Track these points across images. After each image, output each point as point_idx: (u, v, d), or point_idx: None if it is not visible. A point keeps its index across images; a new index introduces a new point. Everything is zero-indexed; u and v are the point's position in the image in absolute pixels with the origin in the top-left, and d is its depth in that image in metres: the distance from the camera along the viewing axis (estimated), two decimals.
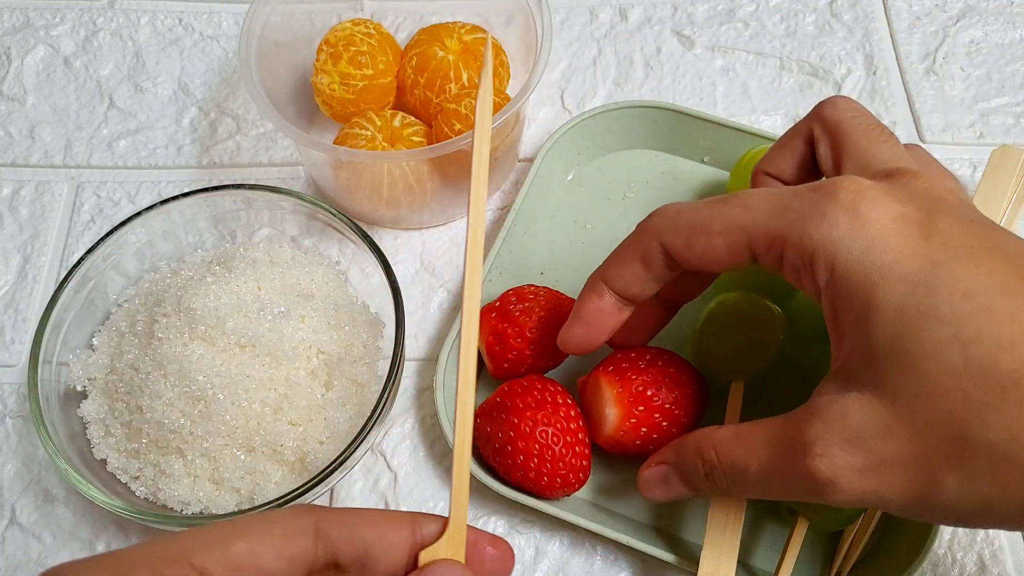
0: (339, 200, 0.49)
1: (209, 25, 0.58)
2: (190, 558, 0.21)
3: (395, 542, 0.25)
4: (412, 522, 0.25)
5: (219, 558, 0.22)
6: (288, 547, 0.23)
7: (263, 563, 0.22)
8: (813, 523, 0.38)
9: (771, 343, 0.41)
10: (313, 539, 0.23)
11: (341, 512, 0.24)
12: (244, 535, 0.23)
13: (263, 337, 0.40)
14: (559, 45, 0.56)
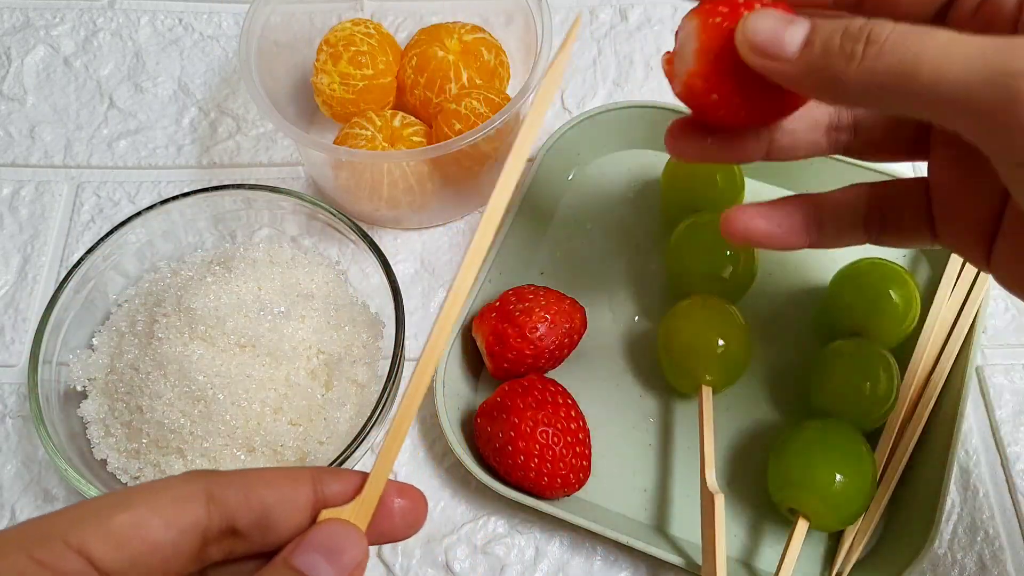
0: (339, 200, 0.49)
1: (209, 25, 0.58)
2: (64, 535, 0.20)
3: (296, 502, 0.23)
4: (313, 480, 0.23)
5: (98, 532, 0.20)
6: (178, 515, 0.21)
7: (149, 534, 0.21)
8: (813, 523, 0.38)
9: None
10: (205, 504, 0.22)
11: (235, 474, 0.23)
12: (127, 505, 0.21)
13: (263, 337, 0.40)
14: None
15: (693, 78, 0.28)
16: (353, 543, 0.23)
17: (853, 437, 0.39)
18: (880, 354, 0.41)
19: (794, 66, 0.25)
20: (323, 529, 0.23)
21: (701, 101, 0.28)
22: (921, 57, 0.23)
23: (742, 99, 0.28)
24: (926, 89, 0.23)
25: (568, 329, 0.42)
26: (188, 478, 0.22)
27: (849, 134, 0.32)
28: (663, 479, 0.42)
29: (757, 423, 0.43)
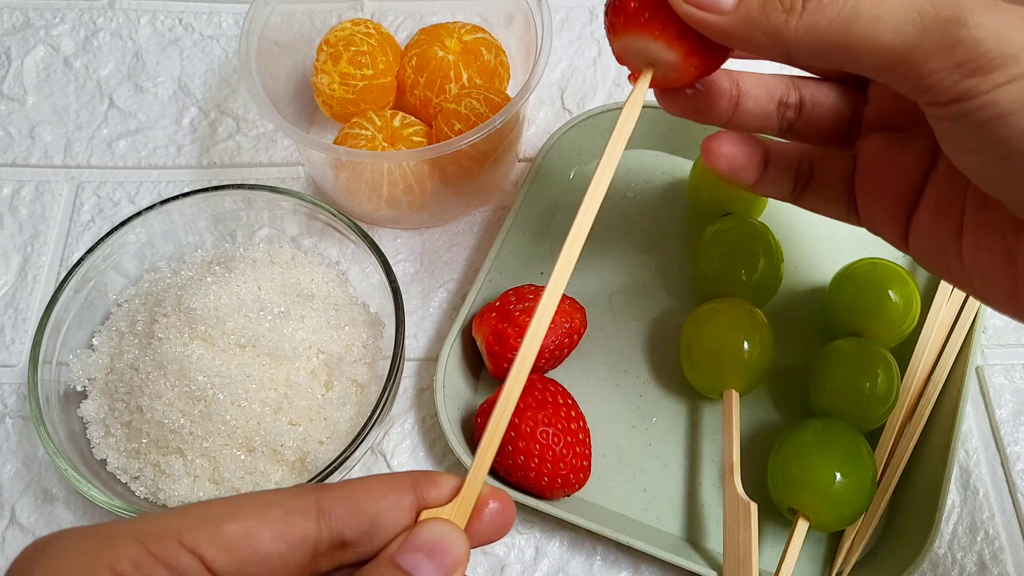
0: (339, 200, 0.49)
1: (209, 25, 0.58)
2: (180, 535, 0.21)
3: (401, 510, 0.24)
4: (415, 487, 0.24)
5: (210, 537, 0.21)
6: (288, 529, 0.22)
7: (259, 545, 0.21)
8: (813, 523, 0.38)
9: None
10: (316, 519, 0.22)
11: (343, 487, 0.23)
12: (239, 516, 0.21)
13: (263, 337, 0.40)
14: (559, 45, 0.56)
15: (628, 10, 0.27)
16: (456, 542, 0.24)
17: (853, 437, 0.39)
18: (880, 354, 0.41)
19: (731, 19, 0.26)
20: (427, 529, 0.24)
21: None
22: (860, 9, 0.24)
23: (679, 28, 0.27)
24: (865, 42, 0.24)
25: (568, 329, 0.42)
26: (298, 492, 0.23)
27: (795, 112, 0.34)
28: (663, 479, 0.42)
29: (757, 423, 0.43)
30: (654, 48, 0.27)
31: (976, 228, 0.28)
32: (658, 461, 0.42)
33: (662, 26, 0.26)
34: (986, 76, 0.23)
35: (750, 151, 0.33)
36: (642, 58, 0.28)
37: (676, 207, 0.49)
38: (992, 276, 0.28)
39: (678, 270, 0.47)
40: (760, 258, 0.43)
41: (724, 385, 0.41)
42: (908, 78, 0.24)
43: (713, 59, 0.28)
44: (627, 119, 0.28)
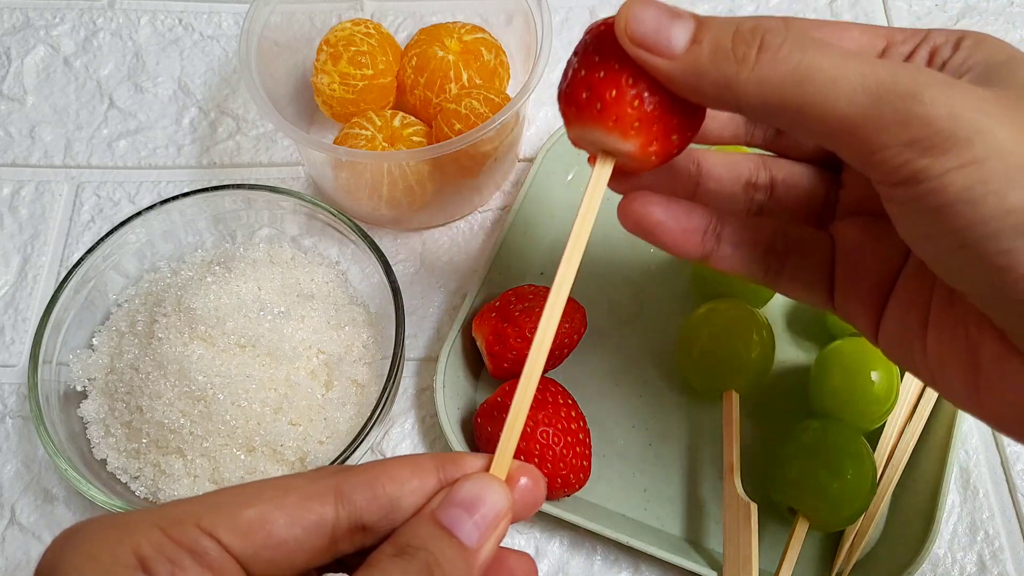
0: (339, 200, 0.49)
1: (209, 25, 0.58)
2: (198, 519, 0.21)
3: (423, 494, 0.23)
4: (439, 469, 0.24)
5: (228, 522, 0.21)
6: (303, 514, 0.22)
7: (274, 530, 0.21)
8: (813, 523, 0.38)
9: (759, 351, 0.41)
10: (334, 504, 0.22)
11: (363, 471, 0.23)
12: (256, 501, 0.22)
13: (263, 337, 0.40)
14: (559, 45, 0.56)
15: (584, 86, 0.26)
16: (497, 496, 0.24)
17: (853, 437, 0.39)
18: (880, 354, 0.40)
19: (680, 65, 0.24)
20: (467, 484, 0.24)
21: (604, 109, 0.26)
22: (815, 70, 0.23)
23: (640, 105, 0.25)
24: (817, 104, 0.23)
25: (568, 329, 0.42)
26: (316, 476, 0.23)
27: (765, 194, 0.32)
28: (663, 479, 0.42)
29: (757, 423, 0.43)
30: (609, 140, 0.25)
31: (941, 321, 0.27)
32: (658, 461, 0.42)
33: (616, 118, 0.25)
34: (938, 158, 0.22)
35: (685, 214, 0.30)
36: (598, 148, 0.26)
37: None
38: (953, 372, 0.26)
39: (678, 270, 0.47)
40: None
41: (724, 385, 0.41)
42: (859, 150, 0.23)
43: (674, 146, 0.26)
44: (590, 206, 0.26)
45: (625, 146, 0.25)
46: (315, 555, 0.22)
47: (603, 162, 0.25)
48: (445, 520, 0.23)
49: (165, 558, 0.20)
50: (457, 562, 0.22)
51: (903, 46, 0.27)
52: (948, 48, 0.26)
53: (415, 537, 0.22)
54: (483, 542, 0.23)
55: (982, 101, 0.22)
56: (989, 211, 0.21)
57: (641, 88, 0.24)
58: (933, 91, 0.22)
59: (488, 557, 0.23)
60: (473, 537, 0.23)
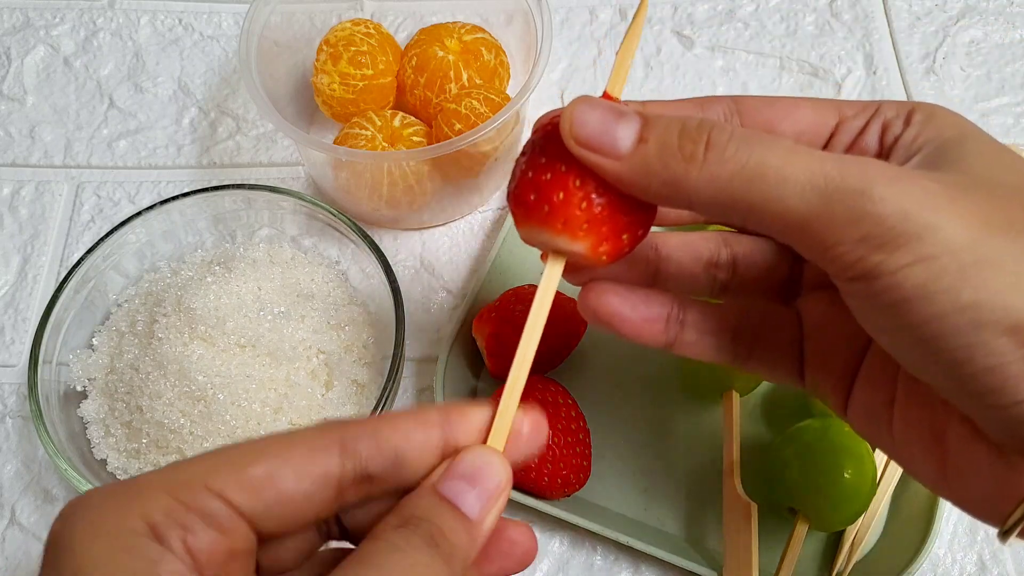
0: (339, 200, 0.49)
1: (209, 25, 0.58)
2: (206, 480, 0.21)
3: (428, 444, 0.23)
4: (443, 421, 0.24)
5: (235, 480, 0.21)
6: (311, 467, 0.22)
7: (282, 485, 0.22)
8: (813, 523, 0.38)
9: None
10: (339, 456, 0.22)
11: (368, 422, 0.23)
12: (263, 457, 0.22)
13: (263, 337, 0.40)
14: (559, 45, 0.56)
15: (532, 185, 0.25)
16: (498, 469, 0.24)
17: (853, 437, 0.39)
18: None
19: (627, 165, 0.24)
20: (468, 456, 0.24)
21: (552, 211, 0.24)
22: (764, 167, 0.22)
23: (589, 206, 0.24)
24: (768, 202, 0.22)
25: (568, 330, 0.42)
26: (322, 430, 0.23)
27: (728, 272, 0.31)
28: (663, 479, 0.42)
29: (757, 423, 0.43)
30: (558, 242, 0.24)
31: (906, 401, 0.26)
32: (658, 461, 0.42)
33: (564, 220, 0.24)
34: (891, 255, 0.21)
35: (643, 302, 0.29)
36: (548, 248, 0.25)
37: None
38: (920, 453, 0.26)
39: None
40: None
41: (724, 386, 0.41)
42: (813, 246, 0.23)
43: (625, 245, 0.25)
44: (542, 304, 0.25)
45: (575, 247, 0.24)
46: (323, 507, 0.22)
47: (554, 261, 0.25)
48: (447, 492, 0.23)
49: (175, 523, 0.20)
50: (460, 533, 0.22)
51: (855, 121, 0.27)
52: (899, 123, 0.26)
53: (419, 508, 0.23)
54: (485, 513, 0.23)
55: (932, 196, 0.22)
56: (944, 308, 0.21)
57: (589, 189, 0.24)
58: (883, 187, 0.22)
59: (490, 528, 0.23)
60: (475, 509, 0.23)
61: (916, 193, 0.22)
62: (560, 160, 0.24)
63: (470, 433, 0.24)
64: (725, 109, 0.28)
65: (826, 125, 0.27)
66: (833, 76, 0.55)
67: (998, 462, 0.23)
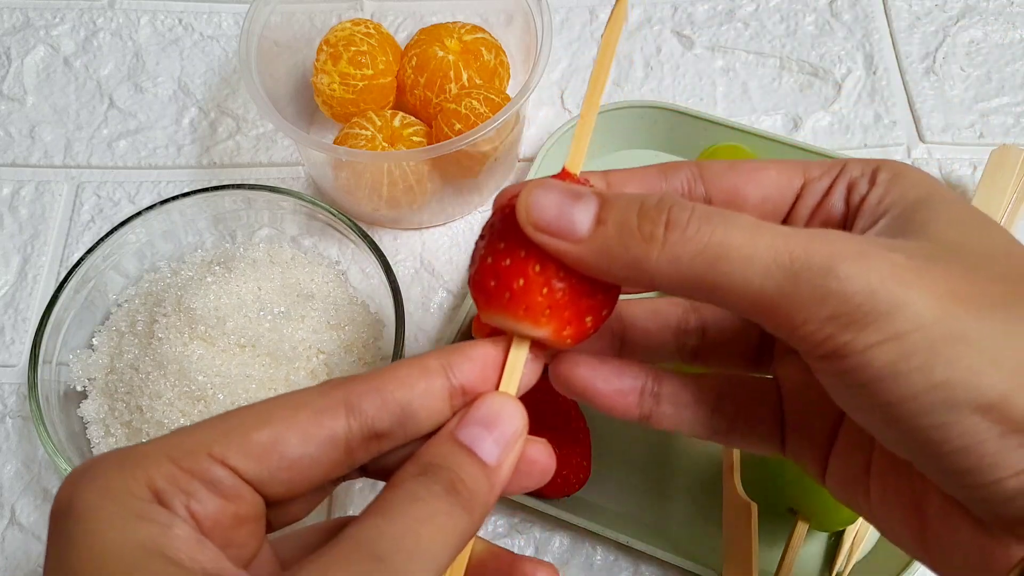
0: (339, 200, 0.49)
1: (209, 25, 0.58)
2: (209, 447, 0.21)
3: (432, 394, 0.23)
4: (445, 367, 0.24)
5: (239, 447, 0.21)
6: (316, 430, 0.22)
7: (287, 450, 0.21)
8: (813, 523, 0.38)
9: None
10: (344, 416, 0.22)
11: (370, 378, 0.23)
12: (267, 422, 0.22)
13: (263, 337, 0.40)
14: (559, 45, 0.56)
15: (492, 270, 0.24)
16: (514, 413, 0.24)
17: None
18: None
19: (587, 249, 0.23)
20: (485, 403, 0.24)
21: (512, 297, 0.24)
22: (727, 246, 0.22)
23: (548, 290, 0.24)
24: (733, 282, 0.22)
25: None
26: (325, 390, 0.23)
27: (698, 338, 0.30)
28: (663, 479, 0.42)
29: None
30: (521, 328, 0.24)
31: (883, 470, 0.25)
32: (658, 461, 0.42)
33: (525, 307, 0.23)
34: (859, 333, 0.21)
35: (615, 374, 0.28)
36: (512, 333, 0.25)
37: None
38: (898, 521, 0.25)
39: None
40: None
41: None
42: (781, 325, 0.22)
43: (589, 327, 0.24)
44: (508, 387, 0.24)
45: (538, 333, 0.24)
46: (332, 468, 0.22)
47: (518, 345, 0.25)
48: (465, 439, 0.23)
49: (179, 489, 0.20)
50: (479, 479, 0.22)
51: (820, 182, 0.27)
52: (864, 182, 0.26)
53: (437, 455, 0.23)
54: (503, 459, 0.23)
55: (899, 270, 0.21)
56: (915, 387, 0.21)
57: (549, 275, 0.23)
58: (848, 265, 0.21)
59: (508, 474, 0.23)
60: (493, 454, 0.23)
61: (882, 269, 0.21)
62: (519, 245, 0.23)
63: (475, 374, 0.24)
64: (688, 176, 0.27)
65: (791, 187, 0.27)
66: (833, 76, 0.55)
67: (980, 534, 0.23)
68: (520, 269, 0.23)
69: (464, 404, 0.24)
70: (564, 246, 0.23)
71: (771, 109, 0.54)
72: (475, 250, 0.25)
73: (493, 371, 0.24)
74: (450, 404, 0.24)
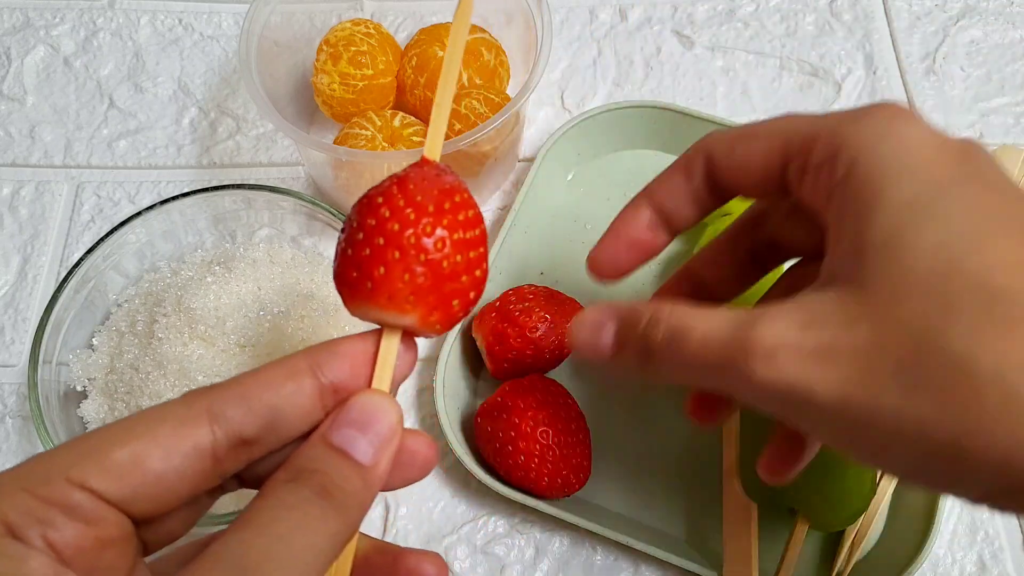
0: (339, 200, 0.49)
1: (209, 25, 0.58)
2: (66, 472, 0.20)
3: (301, 395, 0.23)
4: (313, 367, 0.23)
5: (98, 467, 0.20)
6: (179, 443, 0.21)
7: (151, 465, 0.20)
8: (813, 523, 0.38)
9: None
10: (208, 425, 0.21)
11: (234, 384, 0.22)
12: (125, 439, 0.21)
13: (263, 337, 0.40)
14: (559, 45, 0.56)
15: None
16: (386, 411, 0.23)
17: None
18: None
19: (614, 362, 0.28)
20: (356, 403, 0.23)
21: None
22: (690, 331, 0.26)
23: None
24: (697, 357, 0.25)
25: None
26: (187, 400, 0.22)
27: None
28: (663, 479, 0.42)
29: (757, 423, 0.43)
30: (388, 317, 0.24)
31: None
32: (658, 461, 0.42)
33: (388, 295, 0.23)
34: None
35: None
36: (380, 323, 0.25)
37: None
38: None
39: None
40: None
41: None
42: (733, 388, 0.26)
43: (458, 311, 0.25)
44: (381, 377, 0.24)
45: (404, 321, 0.24)
46: (201, 480, 0.22)
47: (388, 336, 0.24)
48: (337, 441, 0.22)
49: (34, 520, 0.19)
50: (354, 479, 0.22)
51: (795, 162, 0.28)
52: (825, 172, 0.26)
53: (309, 460, 0.22)
54: (379, 457, 0.22)
55: (807, 359, 0.24)
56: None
57: (409, 260, 0.23)
58: (759, 365, 0.24)
59: (384, 472, 0.23)
60: (368, 454, 0.22)
61: (790, 365, 0.24)
62: (377, 233, 0.23)
63: (345, 371, 0.23)
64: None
65: (779, 164, 0.29)
66: (833, 76, 0.55)
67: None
68: (380, 257, 0.23)
69: (336, 403, 0.23)
70: (601, 361, 0.29)
71: (771, 109, 0.54)
72: (336, 245, 0.25)
73: (364, 366, 0.24)
74: (322, 404, 0.23)
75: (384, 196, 0.23)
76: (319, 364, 0.23)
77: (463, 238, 0.24)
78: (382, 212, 0.23)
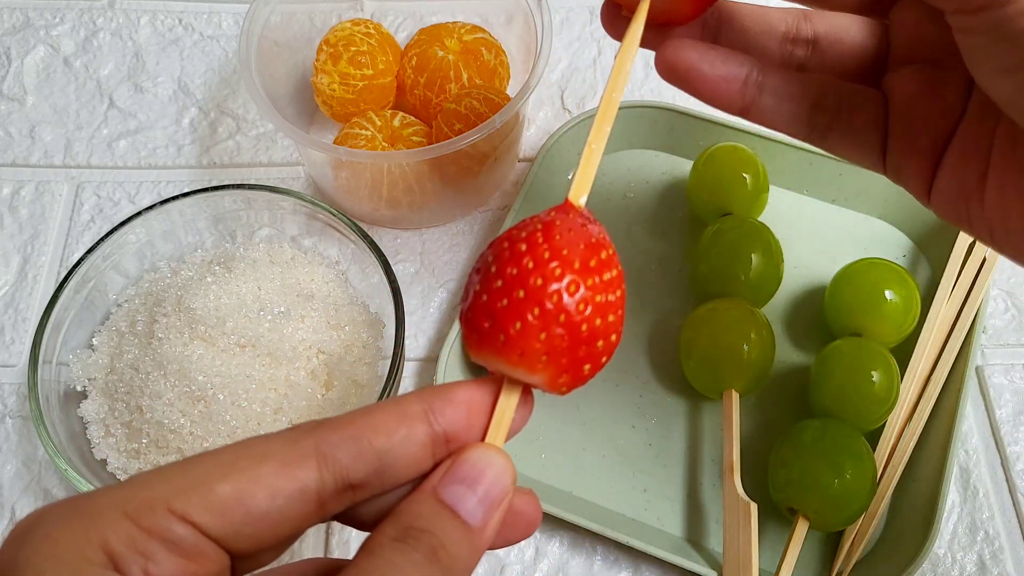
0: (339, 200, 0.49)
1: (209, 25, 0.58)
2: (168, 502, 0.19)
3: (413, 441, 0.21)
4: (427, 412, 0.22)
5: (201, 502, 0.19)
6: (285, 483, 0.20)
7: (253, 505, 0.19)
8: (813, 523, 0.38)
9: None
10: (316, 467, 0.20)
11: (345, 424, 0.21)
12: (230, 473, 0.20)
13: (263, 337, 0.40)
14: (559, 45, 0.56)
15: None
16: (500, 470, 0.22)
17: (853, 437, 0.39)
18: (880, 354, 0.41)
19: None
20: (470, 457, 0.22)
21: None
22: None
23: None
24: None
25: None
26: (294, 436, 0.21)
27: (806, 49, 0.30)
28: (663, 479, 0.42)
29: (757, 423, 0.43)
30: (515, 373, 0.22)
31: (1003, 169, 0.25)
32: (658, 461, 0.42)
33: (521, 352, 0.22)
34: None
35: (722, 61, 0.28)
36: (503, 375, 0.23)
37: (676, 207, 0.49)
38: (1016, 223, 0.24)
39: (678, 270, 0.47)
40: (759, 258, 0.43)
41: (724, 385, 0.41)
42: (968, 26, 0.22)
43: (587, 375, 0.23)
44: (498, 432, 0.23)
45: (532, 379, 0.22)
46: (302, 521, 0.21)
47: (509, 391, 0.23)
48: (448, 498, 0.21)
49: (137, 552, 0.19)
50: (462, 544, 0.21)
51: None
52: None
53: (418, 517, 0.21)
54: (488, 520, 0.21)
55: None
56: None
57: (548, 320, 0.21)
58: None
59: (492, 535, 0.22)
60: (477, 516, 0.21)
61: None
62: (518, 284, 0.22)
63: (460, 420, 0.22)
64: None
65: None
66: None
67: None
68: (518, 311, 0.22)
69: (447, 453, 0.22)
70: None
71: None
72: (468, 283, 0.23)
73: (480, 416, 0.23)
74: (432, 452, 0.22)
75: (528, 244, 0.22)
76: (433, 410, 0.22)
77: (605, 300, 0.22)
78: (525, 263, 0.22)
